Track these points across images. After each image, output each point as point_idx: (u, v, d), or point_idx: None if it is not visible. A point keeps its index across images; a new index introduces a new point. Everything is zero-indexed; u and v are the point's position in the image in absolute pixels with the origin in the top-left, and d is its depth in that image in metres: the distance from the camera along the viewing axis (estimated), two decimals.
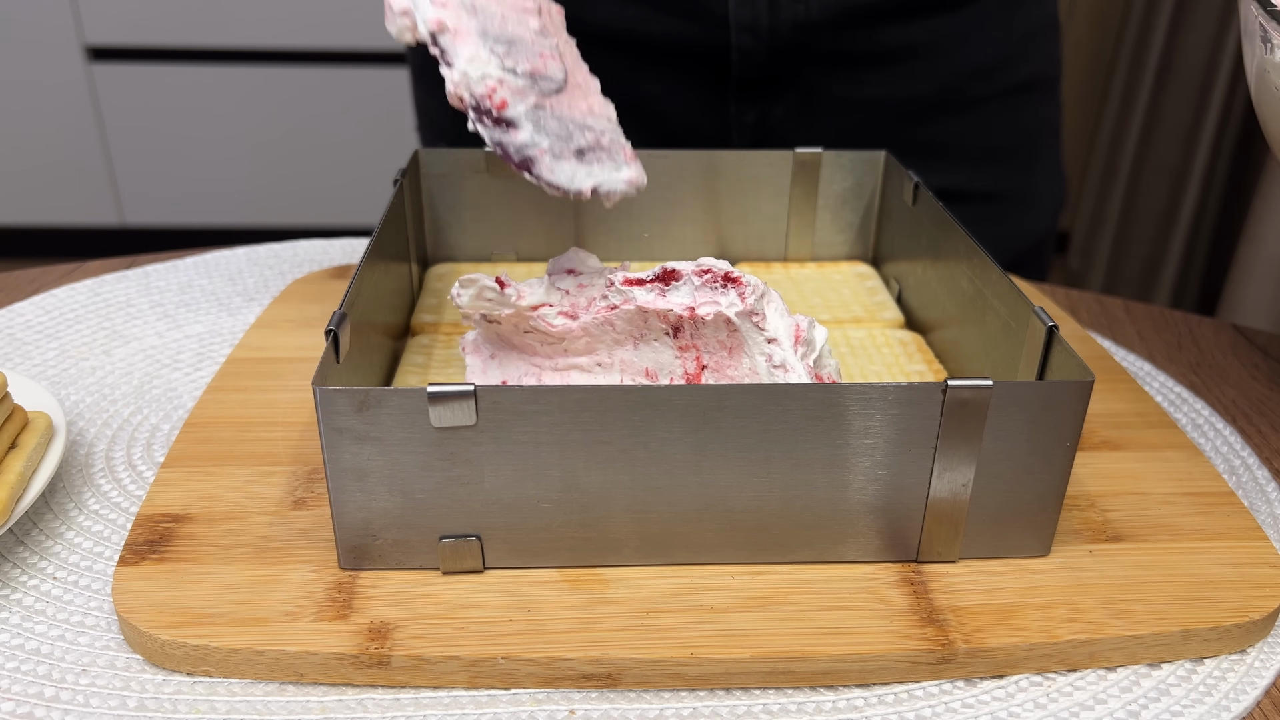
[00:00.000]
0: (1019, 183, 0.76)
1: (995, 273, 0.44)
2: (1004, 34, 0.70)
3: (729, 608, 0.37)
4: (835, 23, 0.66)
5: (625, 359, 0.42)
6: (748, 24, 0.66)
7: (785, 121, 0.70)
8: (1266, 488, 0.47)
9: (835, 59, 0.68)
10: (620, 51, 0.68)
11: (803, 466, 0.37)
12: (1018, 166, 0.75)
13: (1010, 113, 0.73)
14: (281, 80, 1.98)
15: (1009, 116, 0.73)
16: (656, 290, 0.42)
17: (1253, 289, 1.54)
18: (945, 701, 0.35)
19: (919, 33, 0.68)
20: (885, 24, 0.67)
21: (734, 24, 0.66)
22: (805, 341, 0.42)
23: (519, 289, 0.42)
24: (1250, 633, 0.37)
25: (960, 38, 0.69)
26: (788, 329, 0.42)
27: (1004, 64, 0.71)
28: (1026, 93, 0.73)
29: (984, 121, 0.72)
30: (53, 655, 0.36)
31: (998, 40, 0.70)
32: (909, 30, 0.68)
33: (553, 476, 0.36)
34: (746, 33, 0.66)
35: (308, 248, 0.68)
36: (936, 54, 0.69)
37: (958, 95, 0.71)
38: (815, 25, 0.66)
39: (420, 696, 0.35)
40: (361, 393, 0.34)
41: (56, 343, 0.56)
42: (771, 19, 0.66)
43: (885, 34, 0.68)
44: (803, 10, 0.66)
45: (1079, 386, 0.36)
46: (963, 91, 0.71)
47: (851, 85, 0.69)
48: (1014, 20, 0.71)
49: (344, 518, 0.37)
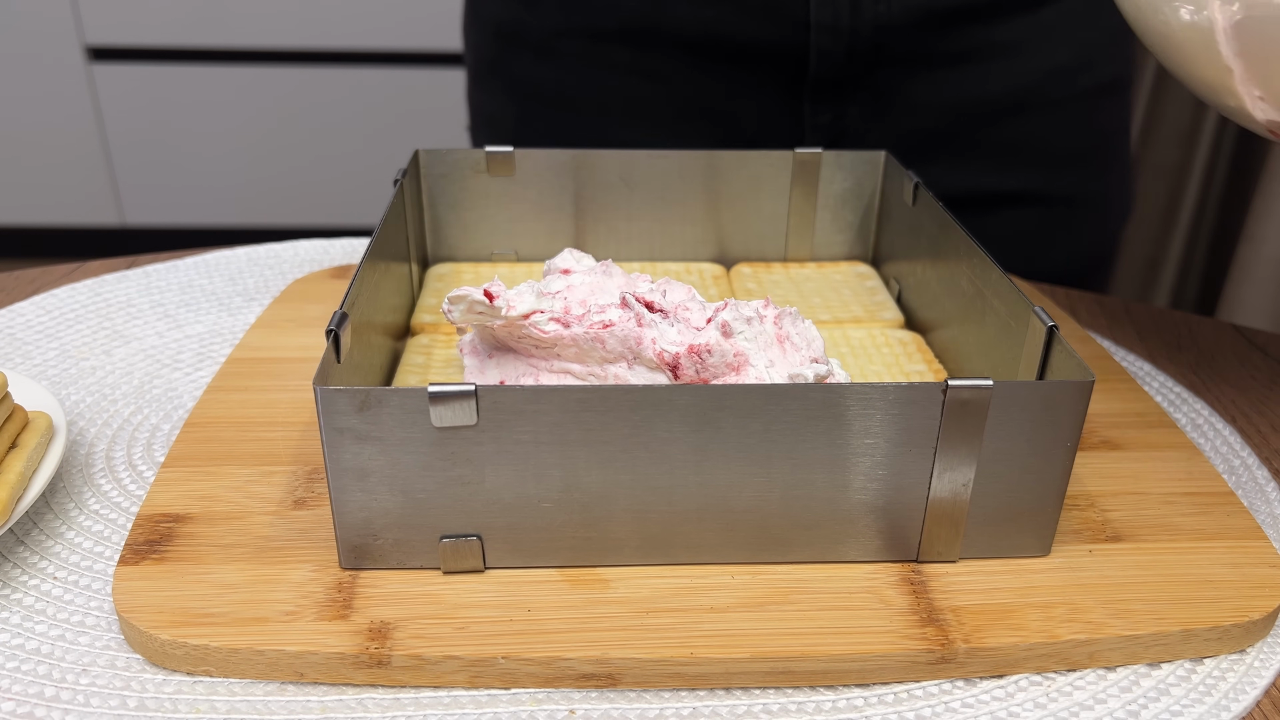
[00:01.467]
0: (1094, 187, 0.74)
1: (995, 273, 0.44)
2: (1085, 35, 0.69)
3: (729, 608, 0.37)
4: (916, 23, 0.66)
5: (619, 374, 0.42)
6: (828, 24, 0.65)
7: (859, 122, 0.69)
8: (1266, 488, 0.47)
9: (913, 59, 0.67)
10: (695, 53, 0.68)
11: (803, 466, 0.37)
12: (1093, 170, 0.74)
13: (1087, 115, 0.71)
14: (281, 80, 1.99)
15: (1086, 118, 0.72)
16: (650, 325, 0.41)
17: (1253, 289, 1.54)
18: (945, 701, 0.35)
19: (999, 33, 0.67)
20: (966, 24, 0.66)
21: (814, 24, 0.65)
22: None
23: (509, 299, 0.42)
24: (1250, 633, 0.37)
25: (1040, 38, 0.68)
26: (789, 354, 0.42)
27: (1083, 65, 0.70)
28: (1103, 95, 0.72)
29: (1061, 124, 0.71)
30: (53, 655, 0.36)
31: (1077, 41, 0.69)
32: (989, 30, 0.67)
33: (553, 476, 0.36)
34: (826, 33, 0.65)
35: (308, 248, 0.68)
36: (1015, 54, 0.68)
37: (1035, 96, 0.69)
38: (896, 26, 0.65)
39: (420, 696, 0.35)
40: (362, 392, 0.34)
41: (57, 343, 0.56)
42: (853, 19, 0.65)
43: (965, 34, 0.67)
44: (884, 11, 0.65)
45: (1079, 386, 0.36)
46: (1040, 92, 0.69)
47: (928, 86, 0.68)
48: (1095, 21, 0.69)
49: (345, 517, 0.37)
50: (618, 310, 0.42)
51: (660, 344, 0.41)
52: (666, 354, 0.40)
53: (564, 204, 0.59)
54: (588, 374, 0.43)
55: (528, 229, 0.60)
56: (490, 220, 0.60)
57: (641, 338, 0.41)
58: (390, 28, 1.95)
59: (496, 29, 0.74)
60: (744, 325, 0.41)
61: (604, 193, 0.59)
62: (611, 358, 0.42)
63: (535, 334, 0.42)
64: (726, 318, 0.41)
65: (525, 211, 0.59)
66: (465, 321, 0.43)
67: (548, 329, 0.42)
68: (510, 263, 0.61)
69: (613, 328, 0.41)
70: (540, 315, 0.42)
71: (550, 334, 0.42)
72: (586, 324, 0.41)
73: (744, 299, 0.57)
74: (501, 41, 0.73)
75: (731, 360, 0.41)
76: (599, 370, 0.42)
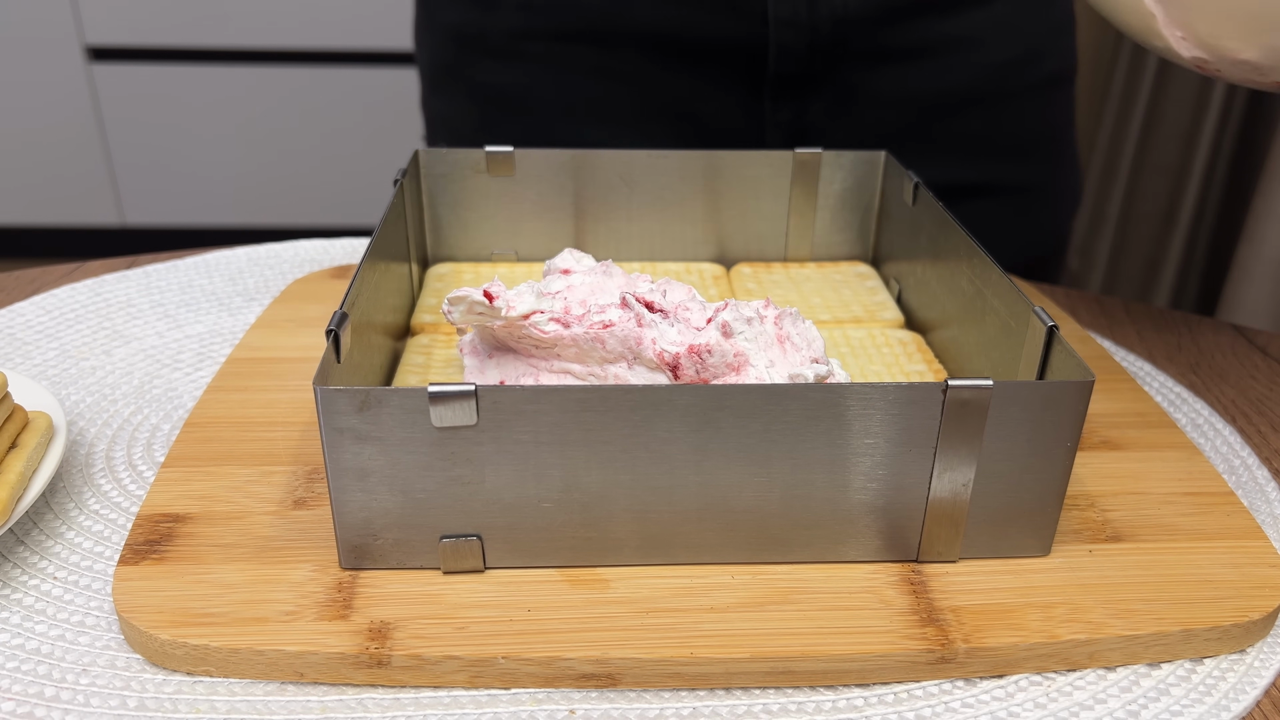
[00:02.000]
0: (1045, 177, 0.76)
1: (995, 273, 0.44)
2: (1033, 27, 0.71)
3: (729, 608, 0.37)
4: (873, 17, 0.67)
5: (619, 374, 0.42)
6: (787, 19, 0.66)
7: (821, 119, 0.70)
8: (1266, 487, 0.47)
9: (871, 54, 0.68)
10: (656, 51, 0.68)
11: (803, 466, 0.37)
12: (1044, 161, 0.76)
13: (1038, 107, 0.73)
14: (281, 80, 1.99)
15: (1037, 111, 0.73)
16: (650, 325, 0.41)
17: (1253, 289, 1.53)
18: (945, 701, 0.35)
19: (953, 26, 0.69)
20: (921, 18, 0.68)
21: (773, 19, 0.66)
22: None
23: (508, 299, 0.42)
24: (1250, 633, 0.37)
25: (993, 31, 0.69)
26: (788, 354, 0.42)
27: (1033, 58, 0.72)
28: (1052, 87, 0.74)
29: (1014, 116, 0.73)
30: (53, 655, 0.36)
31: (1027, 34, 0.71)
32: (944, 24, 0.68)
33: (553, 476, 0.37)
34: (786, 28, 0.66)
35: (308, 248, 0.68)
36: (970, 48, 0.69)
37: (990, 89, 0.71)
38: (854, 20, 0.66)
39: (420, 696, 0.35)
40: (363, 393, 0.34)
41: (57, 343, 0.56)
42: (811, 14, 0.66)
43: (921, 28, 0.68)
44: (841, 5, 0.66)
45: (1079, 386, 0.36)
46: (994, 85, 0.71)
47: (887, 81, 0.69)
48: (1042, 14, 0.71)
49: (345, 517, 0.37)
50: (618, 310, 0.42)
51: (660, 344, 0.41)
52: (666, 354, 0.41)
53: (564, 204, 0.59)
54: (588, 374, 0.43)
55: (528, 229, 0.60)
56: (490, 220, 0.60)
57: (641, 338, 0.41)
58: (390, 28, 1.95)
59: (454, 33, 0.73)
60: (744, 325, 0.41)
61: (604, 193, 0.59)
62: (611, 358, 0.42)
63: (535, 334, 0.42)
64: (727, 318, 0.41)
65: (525, 211, 0.59)
66: (465, 322, 0.43)
67: (548, 329, 0.42)
68: (510, 263, 0.61)
69: (613, 328, 0.41)
70: (540, 315, 0.42)
71: (550, 334, 0.42)
72: (586, 324, 0.41)
73: (744, 299, 0.57)
74: (459, 46, 0.73)
75: (732, 360, 0.41)
76: (599, 370, 0.42)
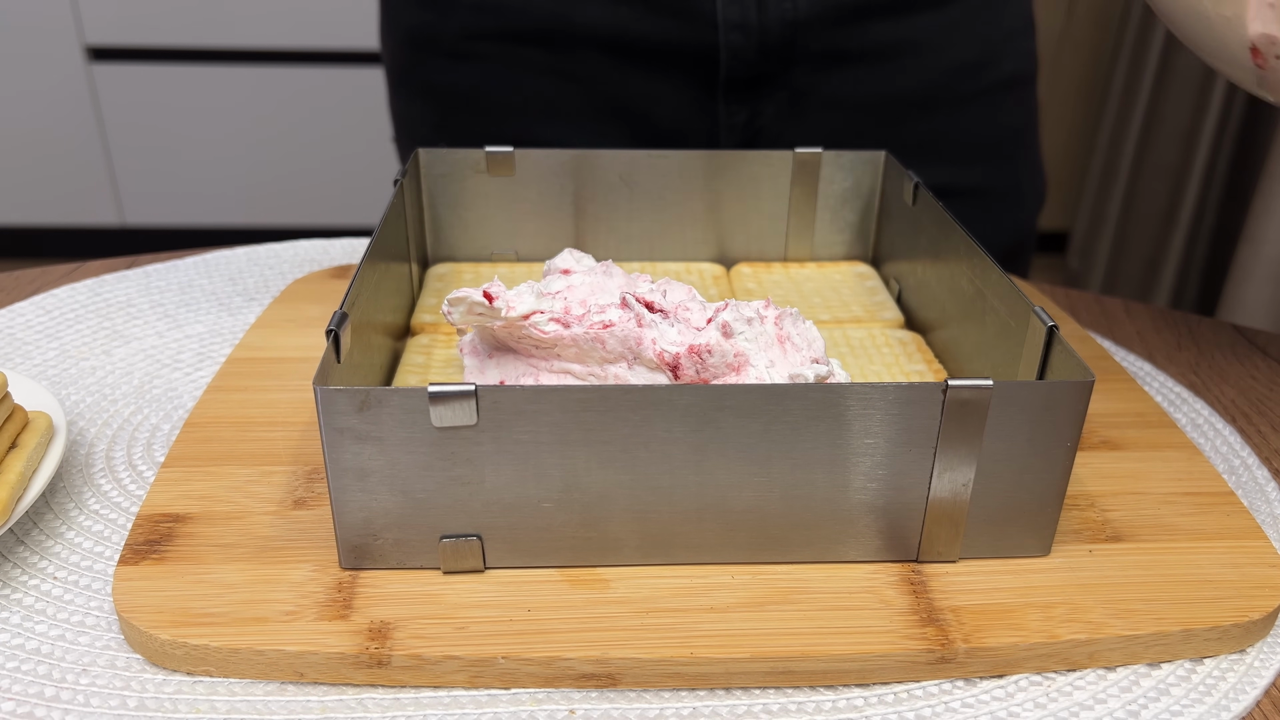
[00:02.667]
0: (1003, 179, 0.77)
1: (995, 272, 0.44)
2: (986, 31, 0.71)
3: (729, 608, 0.37)
4: (823, 20, 0.67)
5: (619, 374, 0.42)
6: (736, 22, 0.66)
7: (775, 121, 0.71)
8: (1266, 487, 0.47)
9: (824, 57, 0.68)
10: (609, 52, 0.69)
11: (803, 466, 0.37)
12: (1001, 163, 0.76)
13: (993, 110, 0.74)
14: (281, 80, 1.99)
15: (992, 113, 0.74)
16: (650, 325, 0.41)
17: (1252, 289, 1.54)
18: (945, 701, 0.35)
19: (906, 30, 0.69)
20: (873, 21, 0.68)
21: (722, 23, 0.66)
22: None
23: (508, 299, 0.42)
24: (1250, 632, 0.37)
25: (945, 35, 0.70)
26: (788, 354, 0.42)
27: (987, 61, 0.72)
28: (1008, 90, 0.74)
29: (968, 119, 0.73)
30: (53, 655, 0.36)
31: (981, 38, 0.71)
32: (896, 28, 0.68)
33: (553, 476, 0.37)
34: (735, 31, 0.66)
35: (308, 248, 0.68)
36: (923, 51, 0.69)
37: (943, 92, 0.71)
38: (804, 23, 0.67)
39: (420, 696, 0.35)
40: (363, 392, 0.34)
41: (57, 343, 0.56)
42: (760, 17, 0.66)
43: (873, 31, 0.68)
44: (790, 8, 0.66)
45: (1079, 386, 0.36)
46: (948, 89, 0.71)
47: (840, 84, 0.70)
48: (995, 18, 0.71)
49: (345, 517, 0.37)
50: (618, 310, 0.42)
51: (660, 344, 0.41)
52: (667, 354, 0.41)
53: (564, 204, 0.59)
54: (588, 374, 0.43)
55: (528, 229, 0.60)
56: (490, 220, 0.60)
57: (642, 338, 0.41)
58: None
59: (409, 35, 0.73)
60: (744, 326, 0.41)
61: (604, 193, 0.59)
62: (611, 358, 0.42)
63: (535, 334, 0.42)
64: (727, 318, 0.41)
65: (525, 211, 0.59)
66: (465, 323, 0.43)
67: (548, 329, 0.42)
68: (510, 263, 0.61)
69: (613, 328, 0.41)
70: (540, 316, 0.42)
71: (550, 334, 0.42)
72: (586, 324, 0.41)
73: (744, 299, 0.57)
74: (415, 48, 0.73)
75: (732, 360, 0.41)
76: (599, 370, 0.42)
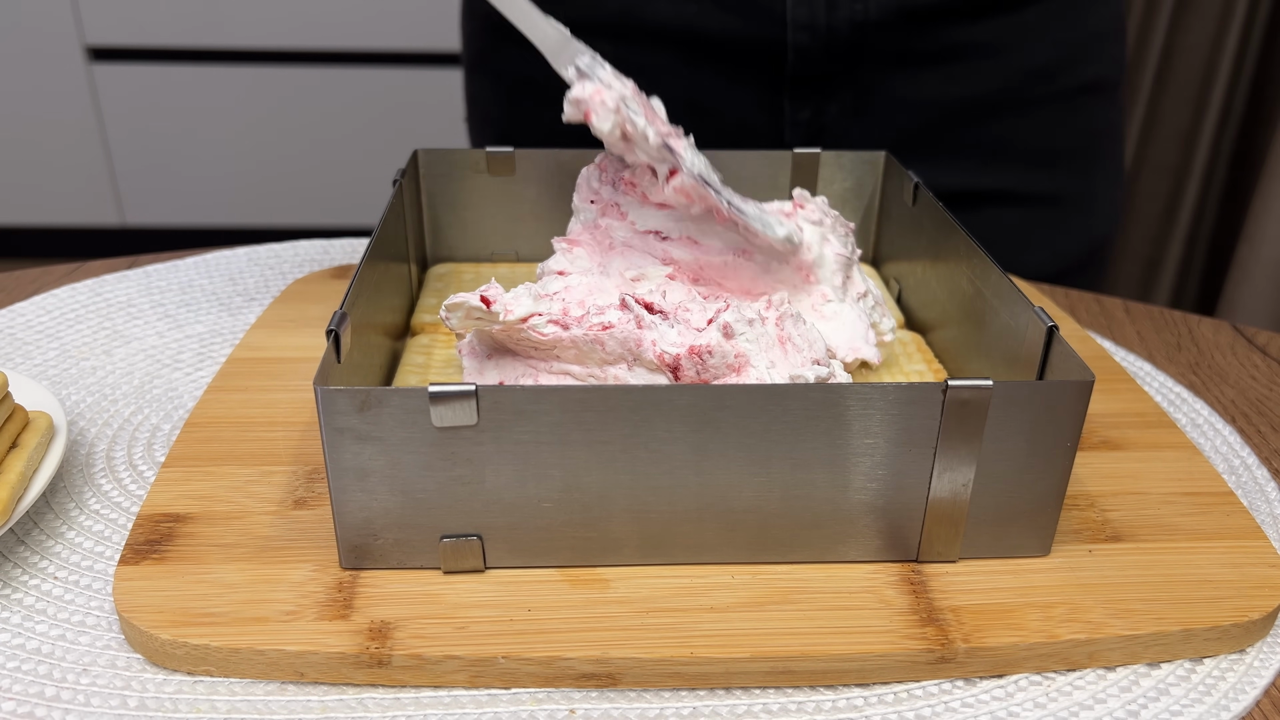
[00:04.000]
0: (1079, 187, 0.74)
1: (995, 273, 0.44)
2: (1068, 35, 0.69)
3: (729, 607, 0.37)
4: (893, 22, 0.66)
5: (618, 375, 0.42)
6: (805, 22, 0.65)
7: (840, 120, 0.70)
8: (1266, 487, 0.47)
9: (892, 58, 0.67)
10: (677, 47, 0.68)
11: (803, 466, 0.37)
12: (1078, 170, 0.74)
13: (1071, 115, 0.71)
14: (281, 80, 1.99)
15: (1069, 118, 0.71)
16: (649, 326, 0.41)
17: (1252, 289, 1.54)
18: (945, 701, 0.35)
19: (980, 32, 0.67)
20: (945, 24, 0.67)
21: (791, 22, 0.66)
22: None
23: (505, 303, 0.42)
24: (1249, 632, 0.37)
25: (1022, 38, 0.68)
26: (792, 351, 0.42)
27: (1066, 65, 0.70)
28: (1088, 95, 0.72)
29: (1043, 123, 0.71)
30: (54, 655, 0.36)
31: (1061, 41, 0.69)
32: (970, 30, 0.67)
33: (553, 476, 0.37)
34: (804, 31, 0.66)
35: (308, 248, 0.68)
36: (997, 54, 0.68)
37: (1017, 95, 0.69)
38: (873, 24, 0.66)
39: (420, 696, 0.35)
40: (363, 392, 0.34)
41: (57, 343, 0.56)
42: (829, 17, 0.65)
43: (945, 33, 0.67)
44: (861, 9, 0.65)
45: (1079, 386, 0.36)
46: (1022, 92, 0.69)
47: (908, 84, 0.68)
48: (1079, 21, 0.69)
49: (345, 517, 0.37)
50: (617, 312, 0.42)
51: (661, 345, 0.41)
52: (667, 355, 0.40)
53: (564, 204, 0.59)
54: (587, 375, 0.43)
55: (527, 229, 0.60)
56: (490, 220, 0.60)
57: (641, 339, 0.41)
58: (390, 28, 1.94)
59: (486, 21, 0.75)
60: (745, 327, 0.41)
61: None
62: (611, 359, 0.42)
63: (534, 336, 0.42)
64: (728, 319, 0.41)
65: (525, 211, 0.59)
66: (463, 327, 0.43)
67: (546, 331, 0.42)
68: (510, 263, 0.61)
69: (612, 329, 0.41)
70: (538, 318, 0.42)
71: (549, 336, 0.42)
72: (585, 325, 0.41)
73: None
74: (491, 34, 0.75)
75: (732, 361, 0.41)
76: (599, 372, 0.42)
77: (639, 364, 0.41)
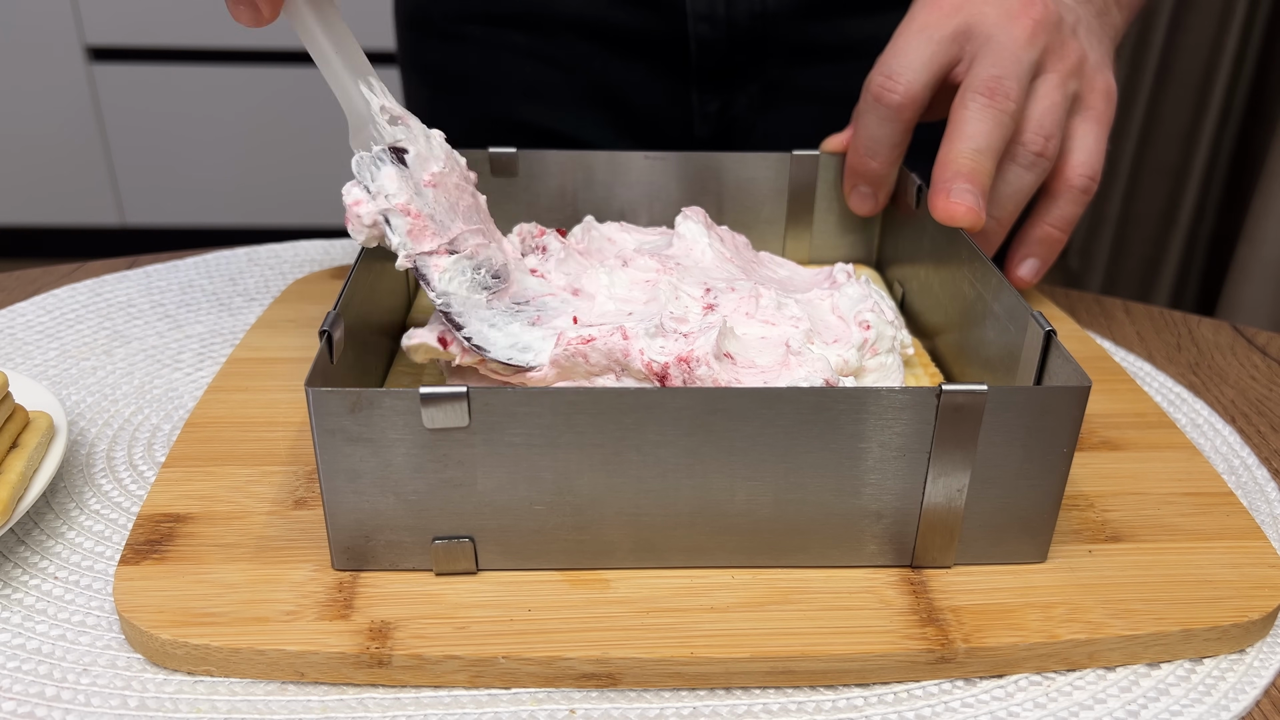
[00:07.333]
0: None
1: (995, 277, 0.44)
2: None
3: (729, 607, 0.37)
4: (794, 14, 0.67)
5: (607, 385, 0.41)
6: (705, 13, 0.66)
7: (749, 112, 0.71)
8: (1266, 488, 0.47)
9: (797, 50, 0.68)
10: (588, 39, 0.70)
11: (796, 470, 0.37)
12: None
13: None
14: (282, 80, 1.99)
15: None
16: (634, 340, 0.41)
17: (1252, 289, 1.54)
18: (945, 701, 0.35)
19: (879, 26, 0.67)
20: (845, 17, 0.68)
21: (690, 13, 0.67)
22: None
23: (461, 341, 0.41)
24: (1249, 632, 0.37)
25: None
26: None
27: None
28: None
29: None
30: (54, 655, 0.36)
31: None
32: (869, 24, 0.68)
33: (545, 479, 0.36)
34: (704, 22, 0.67)
35: (308, 248, 0.68)
36: None
37: None
38: (773, 16, 0.67)
39: (421, 696, 0.35)
40: (354, 394, 0.34)
41: (57, 343, 0.56)
42: (728, 9, 0.66)
43: (846, 26, 0.68)
44: (759, 1, 0.66)
45: (1075, 392, 0.36)
46: None
47: (814, 77, 0.69)
48: None
49: (337, 519, 0.37)
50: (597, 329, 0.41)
51: (649, 354, 0.40)
52: (655, 364, 0.40)
53: (564, 204, 0.59)
54: None
55: None
56: None
57: (629, 349, 0.40)
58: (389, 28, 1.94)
59: (408, 18, 0.77)
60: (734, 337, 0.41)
61: (603, 194, 0.59)
62: (597, 370, 0.41)
63: (510, 375, 0.42)
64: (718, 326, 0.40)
65: (525, 212, 0.59)
66: (427, 360, 0.44)
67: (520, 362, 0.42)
68: None
69: (594, 342, 0.40)
70: None
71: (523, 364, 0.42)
72: (563, 345, 0.41)
73: None
74: (412, 30, 0.77)
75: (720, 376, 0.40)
76: (585, 384, 0.42)
77: (627, 374, 0.41)
